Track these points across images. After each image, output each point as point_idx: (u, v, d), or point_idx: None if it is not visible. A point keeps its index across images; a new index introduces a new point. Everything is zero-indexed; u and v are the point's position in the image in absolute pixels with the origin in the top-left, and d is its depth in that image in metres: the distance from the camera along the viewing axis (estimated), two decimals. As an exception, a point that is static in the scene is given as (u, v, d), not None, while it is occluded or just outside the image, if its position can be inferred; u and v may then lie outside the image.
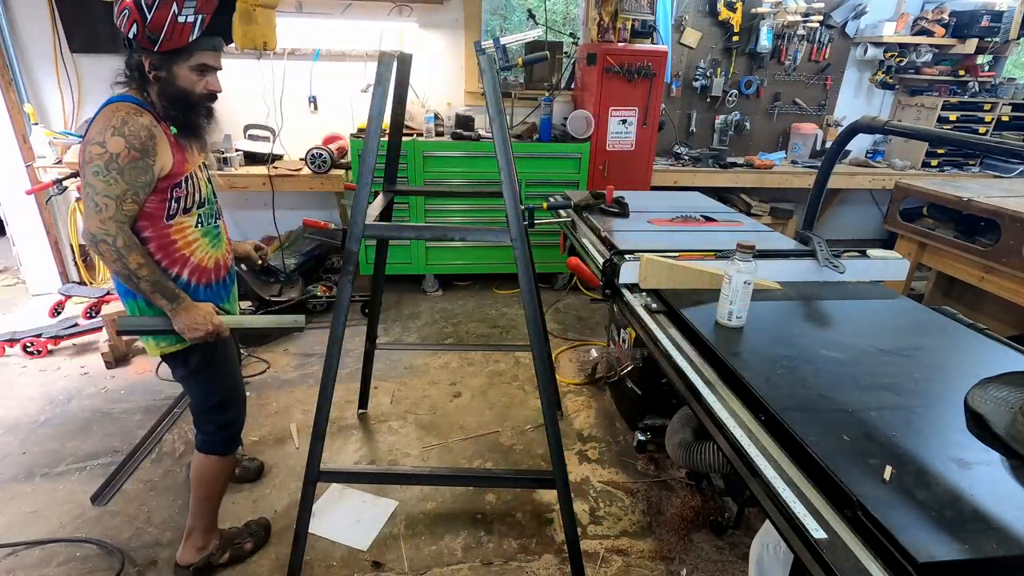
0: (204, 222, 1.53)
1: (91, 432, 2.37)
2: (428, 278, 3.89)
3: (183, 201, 1.46)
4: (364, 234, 1.49)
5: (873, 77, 4.44)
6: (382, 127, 1.47)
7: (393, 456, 2.32)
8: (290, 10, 3.61)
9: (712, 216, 2.32)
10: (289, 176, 3.50)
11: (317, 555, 1.83)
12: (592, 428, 2.52)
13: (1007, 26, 4.11)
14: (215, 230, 1.58)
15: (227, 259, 1.63)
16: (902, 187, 3.12)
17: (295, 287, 3.43)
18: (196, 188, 1.49)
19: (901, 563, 0.76)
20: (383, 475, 1.91)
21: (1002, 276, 2.59)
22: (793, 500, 0.90)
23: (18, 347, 2.90)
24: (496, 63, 1.71)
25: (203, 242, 1.53)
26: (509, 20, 4.64)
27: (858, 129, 1.76)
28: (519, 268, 1.49)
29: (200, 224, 1.52)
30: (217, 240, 1.59)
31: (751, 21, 4.11)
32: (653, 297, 1.64)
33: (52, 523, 1.92)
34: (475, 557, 1.85)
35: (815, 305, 1.62)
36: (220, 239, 1.60)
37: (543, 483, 1.76)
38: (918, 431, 1.04)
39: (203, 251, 1.53)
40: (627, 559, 1.86)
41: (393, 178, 2.14)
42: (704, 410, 1.18)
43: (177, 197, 1.44)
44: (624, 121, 3.62)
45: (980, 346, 1.40)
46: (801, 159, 4.32)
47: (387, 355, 3.04)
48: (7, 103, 3.34)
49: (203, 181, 1.53)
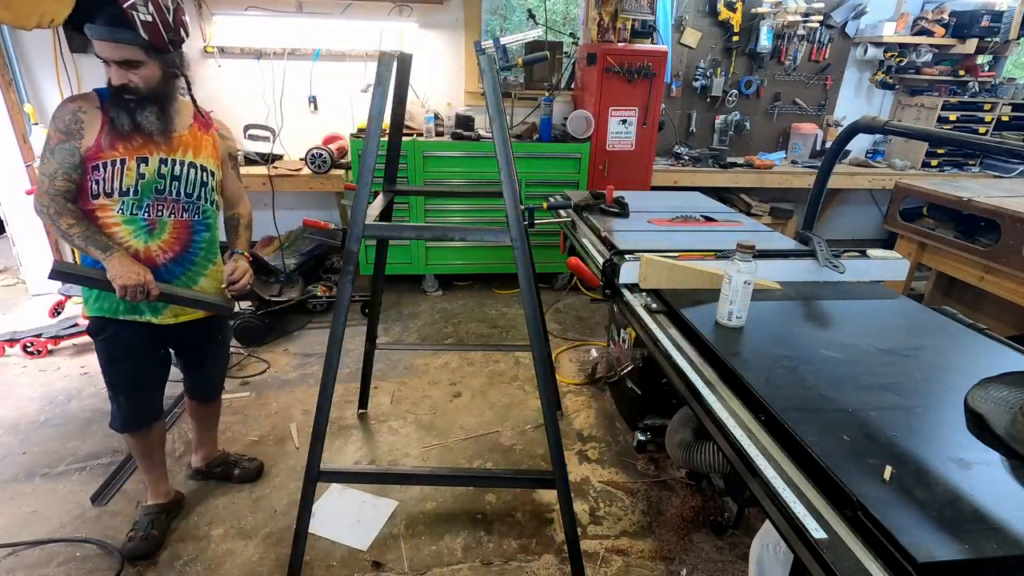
0: (127, 210, 1.56)
1: (91, 432, 2.37)
2: (428, 278, 3.89)
3: (102, 184, 1.52)
4: (364, 234, 1.48)
5: (873, 77, 4.44)
6: (382, 127, 1.47)
7: (393, 456, 2.32)
8: (290, 10, 3.62)
9: (712, 216, 2.32)
10: (289, 176, 3.50)
11: (317, 555, 1.83)
12: (592, 428, 2.52)
13: (1007, 26, 4.11)
14: (142, 222, 1.58)
15: (156, 254, 1.62)
16: (902, 187, 3.11)
17: (295, 287, 3.42)
18: (117, 175, 1.52)
19: (901, 563, 0.76)
20: (383, 475, 1.91)
21: (1002, 276, 2.59)
22: (793, 500, 0.90)
23: (18, 347, 2.90)
24: (496, 63, 1.71)
25: (125, 229, 1.57)
26: (509, 20, 4.63)
27: (858, 129, 1.76)
28: (519, 268, 1.49)
29: (122, 211, 1.56)
30: (146, 234, 1.60)
31: (751, 21, 4.11)
32: (653, 297, 1.64)
33: (52, 523, 1.92)
34: (475, 557, 1.85)
35: (815, 305, 1.62)
36: (152, 234, 1.60)
37: (543, 483, 1.76)
38: (918, 431, 1.04)
39: (124, 237, 1.57)
40: (627, 559, 1.86)
41: (393, 178, 2.13)
42: (704, 410, 1.18)
43: (96, 179, 1.52)
44: (624, 121, 3.62)
45: (980, 346, 1.40)
46: (801, 159, 4.32)
47: (387, 355, 3.04)
48: (7, 103, 3.34)
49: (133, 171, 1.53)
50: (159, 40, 1.45)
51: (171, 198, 1.61)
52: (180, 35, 1.52)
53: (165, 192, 1.60)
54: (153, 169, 1.57)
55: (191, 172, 1.63)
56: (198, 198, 1.66)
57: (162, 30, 1.44)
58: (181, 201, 1.63)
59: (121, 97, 1.48)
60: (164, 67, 1.52)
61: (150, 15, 1.41)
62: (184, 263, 1.69)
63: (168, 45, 1.49)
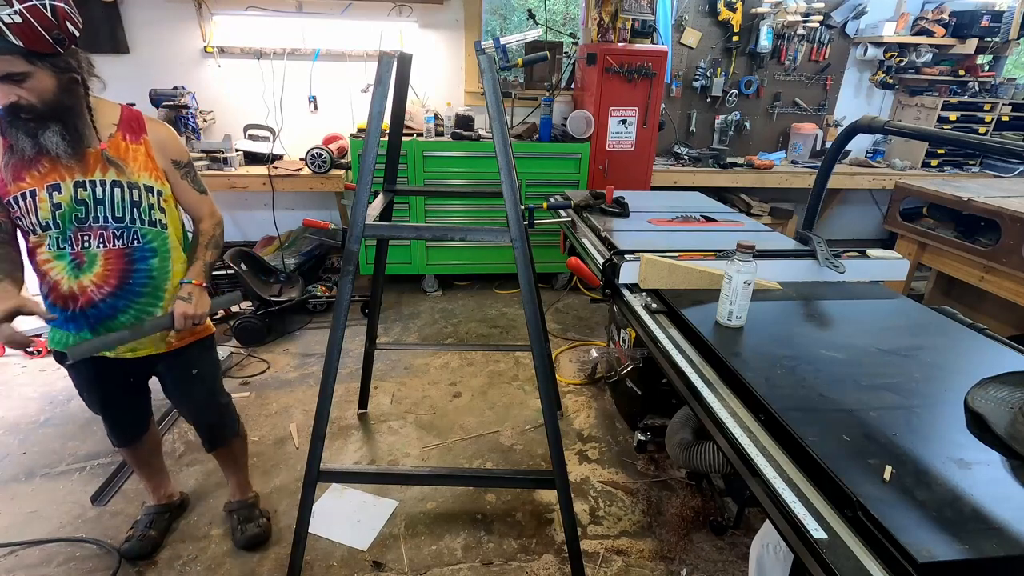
0: (53, 245, 1.38)
1: (91, 432, 2.37)
2: (428, 278, 3.89)
3: (23, 221, 1.34)
4: (364, 234, 1.48)
5: (873, 77, 4.44)
6: (382, 127, 1.47)
7: (393, 456, 2.32)
8: (290, 10, 3.62)
9: (712, 216, 2.32)
10: (289, 176, 3.50)
11: (317, 555, 1.83)
12: (592, 428, 2.52)
13: (1007, 26, 4.11)
14: (68, 257, 1.39)
15: (91, 290, 1.43)
16: (902, 187, 3.11)
17: (295, 287, 3.42)
18: (31, 209, 1.32)
19: (901, 563, 0.76)
20: (383, 475, 1.91)
21: (1002, 276, 2.59)
22: (793, 500, 0.90)
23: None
24: (496, 63, 1.71)
25: (56, 266, 1.40)
26: (509, 20, 4.64)
27: (858, 129, 1.76)
28: (519, 268, 1.48)
29: (50, 247, 1.38)
30: (74, 268, 1.40)
31: (751, 21, 4.11)
32: (653, 297, 1.64)
33: (52, 523, 1.92)
34: (475, 557, 1.85)
35: (815, 305, 1.62)
36: (81, 269, 1.41)
37: (543, 483, 1.76)
38: (918, 431, 1.04)
39: (57, 274, 1.41)
40: (627, 559, 1.86)
41: (393, 178, 2.13)
42: (704, 410, 1.18)
43: (16, 217, 1.34)
44: (624, 121, 3.62)
45: (980, 346, 1.40)
46: (801, 159, 4.32)
47: (387, 355, 3.04)
48: None
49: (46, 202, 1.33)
50: (39, 43, 1.20)
51: (97, 225, 1.39)
52: (68, 29, 1.25)
53: (88, 219, 1.38)
54: (68, 196, 1.35)
55: (116, 192, 1.39)
56: (132, 221, 1.42)
57: (40, 30, 1.18)
58: (110, 228, 1.40)
59: (16, 118, 1.25)
60: (57, 73, 1.26)
61: (16, 15, 1.15)
62: (126, 296, 1.47)
63: (54, 46, 1.23)
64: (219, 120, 3.84)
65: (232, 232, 4.08)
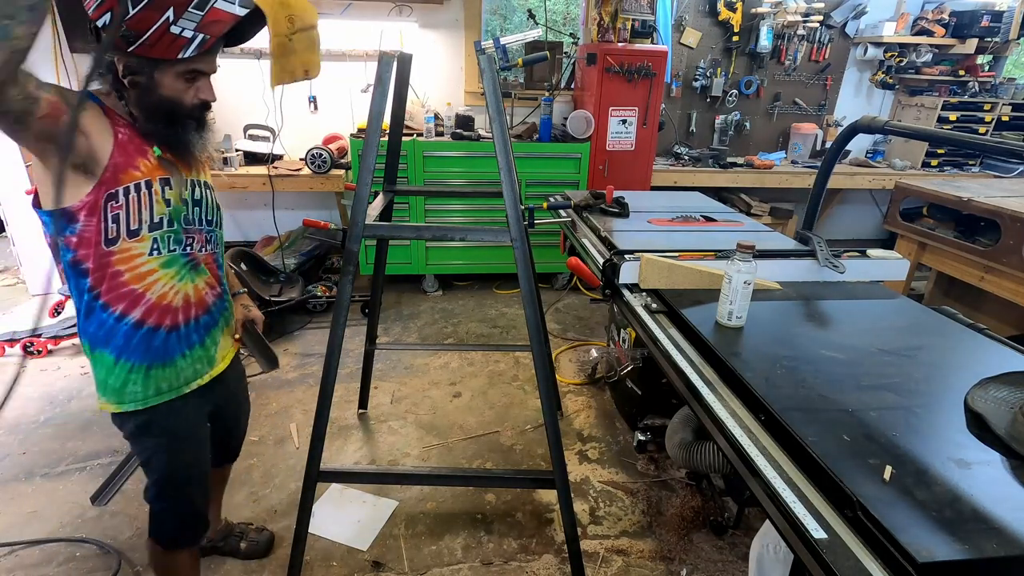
0: (162, 248, 1.20)
1: (91, 432, 2.37)
2: (428, 278, 3.89)
3: (123, 220, 1.13)
4: (364, 234, 1.48)
5: (873, 77, 4.44)
6: (382, 127, 1.47)
7: (393, 456, 2.32)
8: (290, 10, 3.61)
9: (712, 216, 2.32)
10: (289, 176, 3.50)
11: (317, 555, 1.83)
12: (592, 428, 2.52)
13: (1007, 26, 4.11)
14: (183, 259, 1.24)
15: (206, 293, 1.31)
16: (902, 187, 3.11)
17: (295, 287, 3.43)
18: (142, 205, 1.15)
19: (901, 563, 0.76)
20: (383, 475, 1.91)
21: (1002, 276, 2.59)
22: (793, 500, 0.90)
23: (18, 347, 2.90)
24: (496, 63, 1.71)
25: (164, 273, 1.21)
26: (509, 20, 4.64)
27: (858, 129, 1.76)
28: (519, 268, 1.48)
29: (157, 251, 1.19)
30: (189, 271, 1.26)
31: (751, 21, 4.11)
32: (653, 297, 1.64)
33: (52, 523, 1.92)
34: (475, 557, 1.85)
35: (815, 305, 1.62)
36: (195, 270, 1.28)
37: (543, 483, 1.76)
38: (918, 431, 1.03)
39: (165, 285, 1.21)
40: (627, 559, 1.86)
41: (393, 178, 2.13)
42: (704, 410, 1.18)
43: (114, 214, 1.12)
44: (624, 121, 3.62)
45: (980, 346, 1.40)
46: (801, 159, 4.32)
47: (387, 355, 3.04)
48: (7, 103, 3.33)
49: (161, 198, 1.18)
50: None
51: (193, 228, 1.27)
52: None
53: (193, 221, 1.27)
54: (177, 193, 1.23)
55: (207, 194, 1.32)
56: (217, 224, 1.35)
57: None
58: (203, 231, 1.30)
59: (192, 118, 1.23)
60: None
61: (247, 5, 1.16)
62: (223, 302, 1.39)
63: None
64: (219, 120, 3.80)
65: (232, 232, 4.08)
